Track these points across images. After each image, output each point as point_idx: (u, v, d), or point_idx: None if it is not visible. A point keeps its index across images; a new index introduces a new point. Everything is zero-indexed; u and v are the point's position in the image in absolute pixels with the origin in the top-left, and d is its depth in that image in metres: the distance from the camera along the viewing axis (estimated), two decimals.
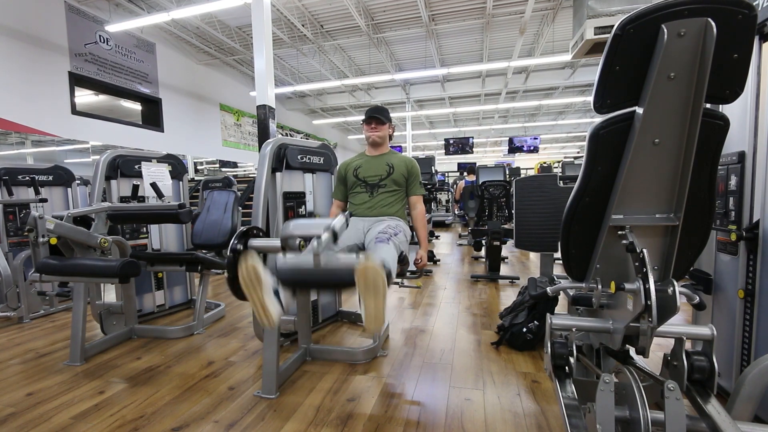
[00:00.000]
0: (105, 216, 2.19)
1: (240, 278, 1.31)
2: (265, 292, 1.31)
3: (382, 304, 1.33)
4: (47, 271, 1.88)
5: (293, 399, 1.69)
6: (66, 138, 6.00)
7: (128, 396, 1.75)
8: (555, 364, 1.16)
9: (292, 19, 6.90)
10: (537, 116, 16.12)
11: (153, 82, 7.46)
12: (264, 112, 4.83)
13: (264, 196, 1.86)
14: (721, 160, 1.33)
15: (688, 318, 2.51)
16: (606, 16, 4.34)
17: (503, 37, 8.29)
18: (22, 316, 2.83)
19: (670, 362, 1.11)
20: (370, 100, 11.97)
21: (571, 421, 1.02)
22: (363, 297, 1.33)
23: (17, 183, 3.09)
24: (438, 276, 4.07)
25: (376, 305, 1.32)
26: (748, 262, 1.40)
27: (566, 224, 1.14)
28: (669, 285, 0.91)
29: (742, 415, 1.03)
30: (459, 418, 1.53)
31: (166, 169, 2.80)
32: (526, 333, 2.12)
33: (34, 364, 2.11)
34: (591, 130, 1.03)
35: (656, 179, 0.99)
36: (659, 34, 0.87)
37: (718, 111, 0.98)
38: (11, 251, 2.99)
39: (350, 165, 2.21)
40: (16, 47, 5.30)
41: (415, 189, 2.19)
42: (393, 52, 9.09)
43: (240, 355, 2.17)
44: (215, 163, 10.21)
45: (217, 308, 2.87)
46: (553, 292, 1.39)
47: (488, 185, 4.76)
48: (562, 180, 2.46)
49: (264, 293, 1.31)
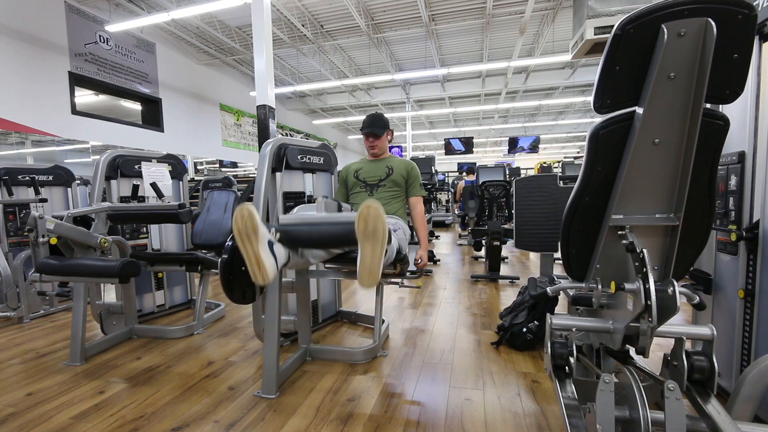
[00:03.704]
0: (105, 216, 2.19)
1: (235, 228, 1.26)
2: (260, 243, 1.26)
3: (380, 254, 1.27)
4: (47, 271, 1.88)
5: (293, 399, 1.69)
6: (66, 138, 6.00)
7: (128, 396, 1.75)
8: (555, 364, 1.16)
9: (292, 19, 6.90)
10: (537, 116, 16.12)
11: (153, 82, 7.46)
12: (264, 112, 4.83)
13: (264, 196, 1.86)
14: (721, 160, 1.33)
15: (688, 318, 2.51)
16: (606, 16, 4.34)
17: (503, 37, 8.29)
18: (22, 316, 2.83)
19: (670, 362, 1.10)
20: (370, 100, 11.97)
21: (571, 421, 1.02)
22: (361, 243, 1.28)
23: (17, 183, 3.09)
24: (438, 276, 4.07)
25: (372, 254, 1.27)
26: (748, 262, 1.40)
27: (566, 224, 1.14)
28: (669, 285, 0.91)
29: (742, 415, 1.03)
30: (459, 418, 1.53)
31: (166, 169, 2.80)
32: (526, 333, 2.12)
33: (34, 364, 2.11)
34: (591, 130, 1.03)
35: (656, 179, 0.99)
36: (659, 34, 0.87)
37: (718, 111, 0.98)
38: (11, 251, 2.99)
39: (351, 168, 2.29)
40: (16, 47, 5.30)
41: (415, 190, 2.22)
42: (393, 52, 9.09)
43: (240, 355, 2.17)
44: (215, 163, 10.21)
45: (217, 308, 2.87)
46: (553, 292, 1.39)
47: (488, 185, 4.76)
48: (562, 180, 2.45)
49: (259, 245, 1.26)
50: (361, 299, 3.23)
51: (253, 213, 1.26)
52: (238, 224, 1.25)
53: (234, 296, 1.57)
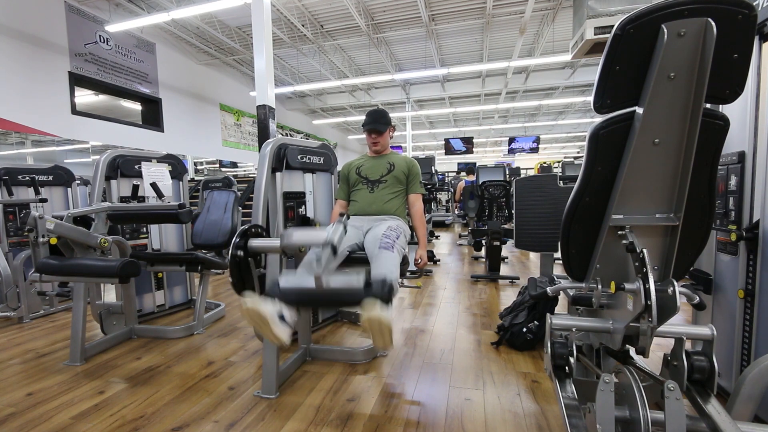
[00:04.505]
0: (105, 216, 2.19)
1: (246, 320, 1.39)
2: (272, 324, 1.35)
3: (389, 337, 1.36)
4: (47, 271, 1.88)
5: (293, 399, 1.69)
6: (66, 138, 6.00)
7: (128, 396, 1.75)
8: (555, 364, 1.16)
9: (292, 19, 6.90)
10: (537, 116, 16.12)
11: (153, 82, 7.47)
12: (264, 112, 4.84)
13: (264, 196, 1.86)
14: (721, 160, 1.33)
15: (688, 318, 2.51)
16: (606, 16, 4.34)
17: (503, 37, 8.29)
18: (22, 316, 2.83)
19: (670, 362, 1.10)
20: (370, 100, 11.98)
21: (571, 421, 1.02)
22: (371, 336, 1.37)
23: (17, 183, 3.09)
24: (438, 276, 4.07)
25: (384, 341, 1.36)
26: (748, 262, 1.40)
27: (566, 224, 1.14)
28: (669, 285, 0.91)
29: (742, 415, 1.03)
30: (459, 418, 1.53)
31: (166, 169, 2.80)
32: (526, 333, 2.12)
33: (34, 364, 2.11)
34: (591, 130, 1.03)
35: (656, 179, 0.99)
36: (659, 34, 0.87)
37: (718, 111, 0.98)
38: (11, 251, 2.99)
39: (353, 165, 2.29)
40: (16, 47, 5.30)
41: (415, 187, 2.22)
42: (393, 52, 9.10)
43: (240, 355, 2.17)
44: (215, 163, 10.21)
45: (217, 308, 2.87)
46: (553, 292, 1.39)
47: (488, 185, 4.76)
48: (562, 180, 2.46)
49: (272, 325, 1.35)
50: None
51: (257, 308, 1.33)
52: (248, 318, 1.36)
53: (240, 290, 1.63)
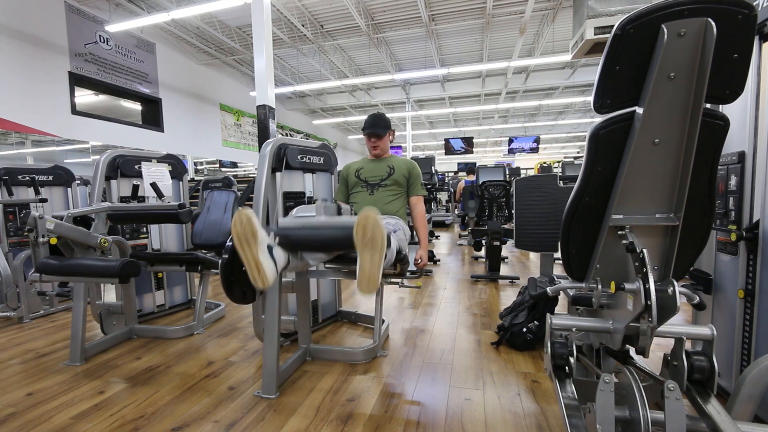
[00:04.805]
0: (105, 216, 2.19)
1: (234, 232, 1.26)
2: (260, 248, 1.26)
3: (379, 261, 1.27)
4: (47, 271, 1.88)
5: (293, 399, 1.69)
6: (66, 138, 6.00)
7: (128, 396, 1.75)
8: (555, 364, 1.16)
9: (292, 19, 6.90)
10: (537, 116, 16.12)
11: (153, 82, 7.46)
12: (264, 112, 4.83)
13: (264, 196, 1.86)
14: (721, 160, 1.33)
15: (688, 318, 2.51)
16: (606, 16, 4.34)
17: (503, 37, 8.29)
18: (22, 316, 2.83)
19: (670, 362, 1.10)
20: (370, 100, 11.98)
21: (571, 421, 1.02)
22: (359, 250, 1.28)
23: (17, 183, 3.09)
24: (438, 276, 4.07)
25: (371, 261, 1.27)
26: (748, 262, 1.40)
27: (566, 224, 1.14)
28: (669, 285, 0.91)
29: (742, 415, 1.03)
30: (459, 418, 1.53)
31: (166, 169, 2.79)
32: (526, 333, 2.12)
33: (34, 364, 2.11)
34: (591, 130, 1.03)
35: (656, 179, 0.99)
36: (659, 34, 0.87)
37: (718, 111, 0.98)
38: (11, 251, 2.99)
39: (352, 167, 2.29)
40: (16, 47, 5.30)
41: (416, 189, 2.22)
42: (393, 52, 9.09)
43: (240, 355, 2.17)
44: (215, 163, 10.21)
45: (217, 308, 2.87)
46: (553, 292, 1.39)
47: (488, 185, 4.76)
48: (562, 180, 2.45)
49: (259, 249, 1.26)
50: (361, 299, 3.23)
51: (251, 218, 1.26)
52: (237, 229, 1.25)
53: (234, 296, 1.58)
